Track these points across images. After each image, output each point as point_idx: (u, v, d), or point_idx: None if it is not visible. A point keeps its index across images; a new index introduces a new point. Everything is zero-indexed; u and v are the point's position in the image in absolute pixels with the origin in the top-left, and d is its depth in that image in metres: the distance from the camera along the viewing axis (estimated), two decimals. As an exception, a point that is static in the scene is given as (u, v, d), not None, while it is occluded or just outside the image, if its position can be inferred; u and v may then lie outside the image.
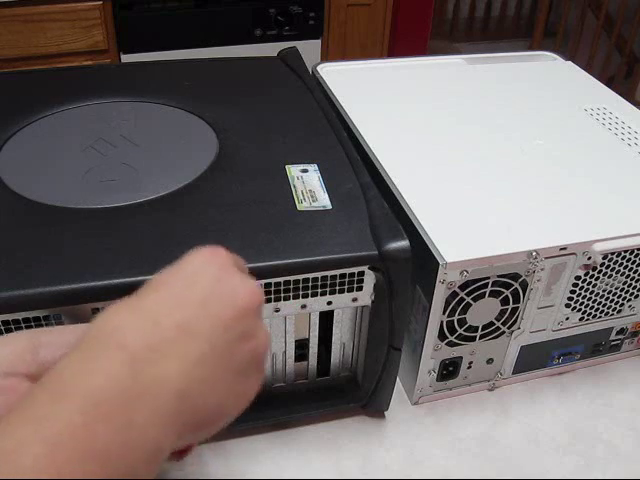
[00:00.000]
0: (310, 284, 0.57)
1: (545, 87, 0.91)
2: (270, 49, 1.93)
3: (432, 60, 0.97)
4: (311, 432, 0.67)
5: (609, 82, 3.23)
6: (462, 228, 0.63)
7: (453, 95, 0.87)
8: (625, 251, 0.65)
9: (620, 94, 0.94)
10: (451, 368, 0.68)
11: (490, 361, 0.69)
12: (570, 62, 1.00)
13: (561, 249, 0.62)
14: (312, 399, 0.67)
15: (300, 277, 0.56)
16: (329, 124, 0.73)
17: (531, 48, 3.13)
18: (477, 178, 0.70)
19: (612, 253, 0.65)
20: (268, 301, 0.57)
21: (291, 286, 0.56)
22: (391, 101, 0.83)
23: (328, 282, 0.57)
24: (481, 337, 0.66)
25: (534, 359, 0.71)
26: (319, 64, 0.91)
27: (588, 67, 3.15)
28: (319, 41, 2.03)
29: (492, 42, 3.54)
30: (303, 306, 0.58)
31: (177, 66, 0.86)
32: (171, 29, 1.91)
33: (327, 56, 2.07)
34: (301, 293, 0.57)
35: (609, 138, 0.80)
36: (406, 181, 0.68)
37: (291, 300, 0.57)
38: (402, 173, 0.69)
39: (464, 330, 0.64)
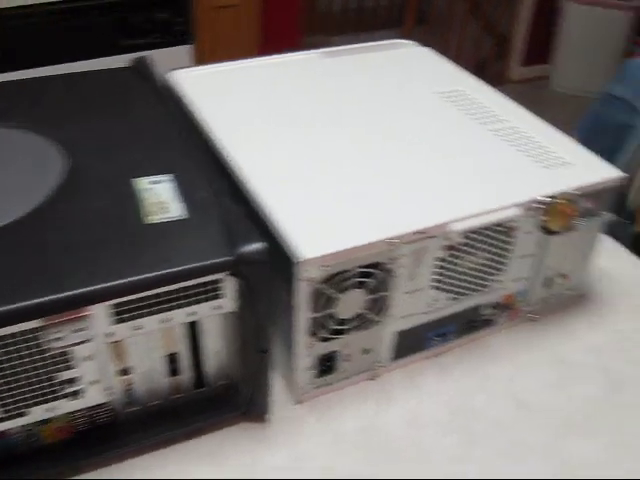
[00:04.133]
0: (168, 297, 0.55)
1: (400, 74, 0.92)
2: (140, 58, 1.88)
3: (288, 57, 0.96)
4: (194, 446, 0.65)
5: (481, 64, 3.32)
6: (320, 223, 0.63)
7: (308, 90, 0.87)
8: (484, 228, 0.67)
9: (494, 75, 0.96)
10: (328, 363, 0.68)
11: (366, 351, 0.69)
12: (427, 48, 1.02)
13: (419, 233, 0.63)
14: (191, 413, 0.65)
15: (157, 291, 0.54)
16: (183, 132, 0.71)
17: (403, 36, 3.19)
18: (333, 171, 0.70)
19: (471, 231, 0.66)
20: (126, 320, 0.55)
21: (149, 302, 0.55)
22: (246, 102, 0.83)
23: (187, 293, 0.56)
24: (353, 329, 0.66)
25: (410, 344, 0.72)
26: (174, 71, 0.89)
27: (460, 51, 3.24)
28: (189, 46, 2.00)
29: (368, 33, 3.59)
30: (165, 320, 0.57)
31: (25, 84, 0.83)
32: (31, 46, 1.83)
33: (200, 60, 2.05)
34: (160, 308, 0.56)
35: (462, 119, 0.82)
36: (263, 182, 0.68)
37: (151, 316, 0.56)
38: (259, 174, 0.69)
39: (334, 324, 0.64)
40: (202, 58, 2.05)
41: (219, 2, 2.00)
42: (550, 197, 0.69)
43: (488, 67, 3.42)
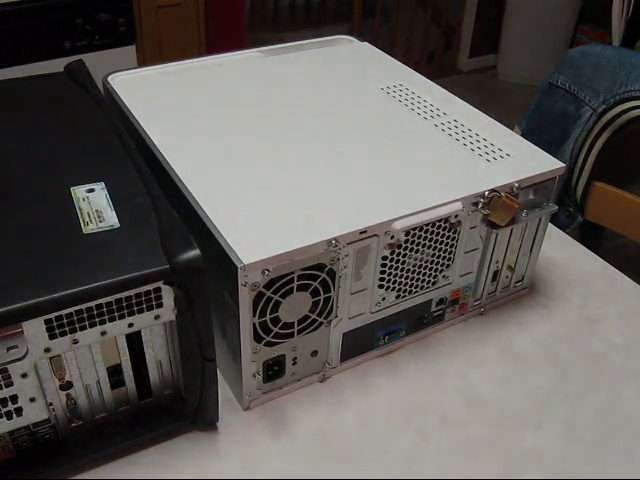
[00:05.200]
0: (105, 309, 0.54)
1: (341, 70, 0.92)
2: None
3: (229, 56, 0.95)
4: (143, 458, 0.64)
5: (431, 56, 3.34)
6: (260, 227, 0.61)
7: (247, 90, 0.85)
8: (426, 225, 0.66)
9: (443, 67, 0.96)
10: (276, 367, 0.67)
11: (315, 353, 0.68)
12: (366, 43, 1.01)
13: (361, 233, 0.62)
14: (138, 424, 0.64)
15: (93, 304, 0.53)
16: (118, 138, 0.69)
17: (352, 30, 3.19)
18: (273, 173, 0.69)
19: (414, 229, 0.66)
20: (63, 334, 0.53)
21: (85, 315, 0.53)
22: (184, 104, 0.81)
23: (124, 304, 0.54)
24: (299, 332, 0.65)
25: (359, 343, 0.71)
26: (110, 74, 0.87)
27: (409, 43, 3.25)
28: (134, 47, 1.97)
29: (317, 28, 3.58)
30: (103, 333, 0.55)
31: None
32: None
33: (145, 61, 2.01)
34: (97, 320, 0.54)
35: (406, 114, 0.81)
36: (201, 187, 0.66)
37: (88, 329, 0.54)
38: (197, 179, 0.67)
39: (279, 328, 0.63)
40: (147, 58, 2.02)
41: (162, 1, 1.97)
42: (492, 191, 0.68)
43: (437, 58, 3.44)
